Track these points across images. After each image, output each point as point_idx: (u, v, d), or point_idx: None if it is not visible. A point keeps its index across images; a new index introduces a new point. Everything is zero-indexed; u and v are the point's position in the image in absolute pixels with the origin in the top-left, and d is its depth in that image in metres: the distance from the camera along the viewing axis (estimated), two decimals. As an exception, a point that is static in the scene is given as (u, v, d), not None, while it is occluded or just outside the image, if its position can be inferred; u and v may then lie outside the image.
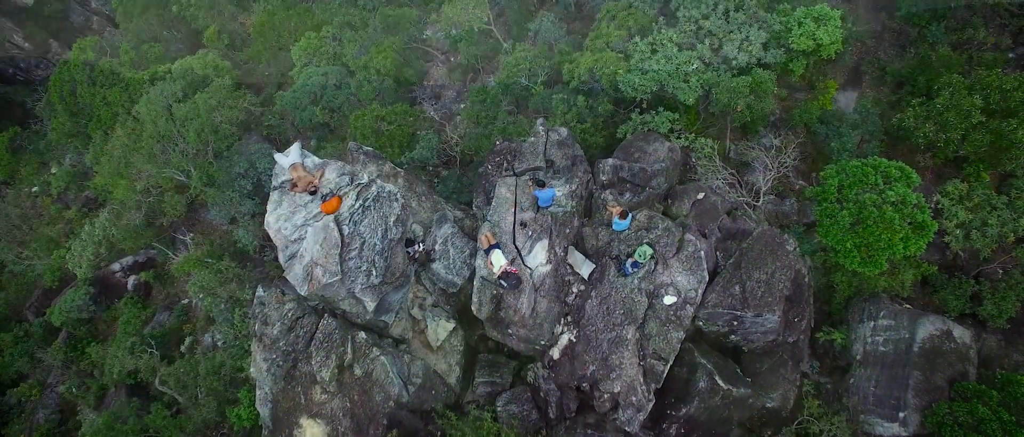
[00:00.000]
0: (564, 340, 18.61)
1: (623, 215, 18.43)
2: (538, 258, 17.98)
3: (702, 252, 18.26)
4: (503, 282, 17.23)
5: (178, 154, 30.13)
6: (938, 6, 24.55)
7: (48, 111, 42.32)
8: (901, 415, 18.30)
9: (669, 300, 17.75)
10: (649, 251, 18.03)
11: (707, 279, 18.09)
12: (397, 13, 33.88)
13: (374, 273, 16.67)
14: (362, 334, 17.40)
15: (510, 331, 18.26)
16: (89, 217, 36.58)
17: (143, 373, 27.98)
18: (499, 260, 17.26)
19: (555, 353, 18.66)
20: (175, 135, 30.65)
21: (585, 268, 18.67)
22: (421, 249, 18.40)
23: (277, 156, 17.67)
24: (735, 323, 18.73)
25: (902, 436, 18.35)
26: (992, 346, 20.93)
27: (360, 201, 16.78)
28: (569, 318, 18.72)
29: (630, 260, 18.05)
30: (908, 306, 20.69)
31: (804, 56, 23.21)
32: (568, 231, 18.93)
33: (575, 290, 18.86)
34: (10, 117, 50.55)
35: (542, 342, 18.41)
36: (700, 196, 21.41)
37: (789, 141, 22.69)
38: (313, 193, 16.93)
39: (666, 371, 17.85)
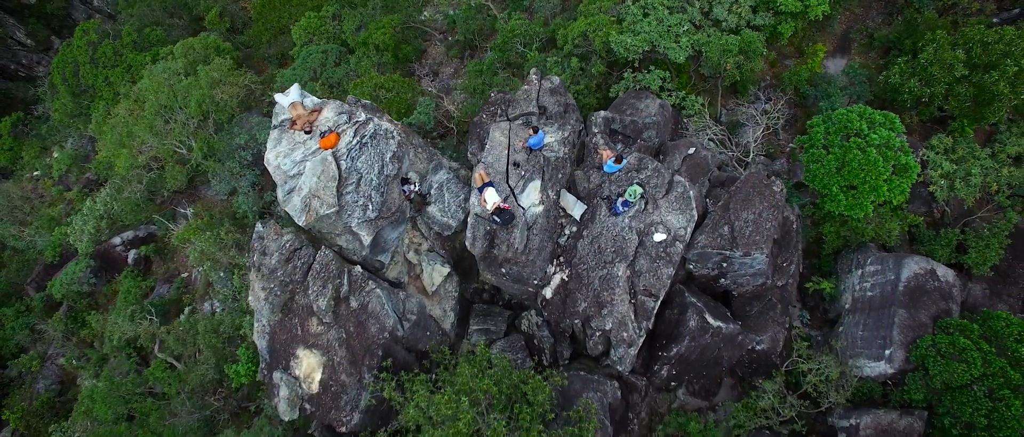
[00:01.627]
0: (556, 280, 19.09)
1: (617, 159, 18.97)
2: (531, 198, 18.52)
3: (691, 193, 18.80)
4: (496, 218, 17.75)
5: (179, 125, 30.68)
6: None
7: (50, 93, 43.04)
8: (887, 352, 18.75)
9: (659, 237, 18.26)
10: (639, 190, 18.57)
11: (696, 217, 18.61)
12: (396, -8, 34.66)
13: (370, 207, 17.20)
14: (358, 268, 17.90)
15: (503, 270, 18.73)
16: (91, 195, 37.19)
17: (143, 339, 28.34)
18: (493, 197, 17.81)
19: (548, 293, 19.13)
20: (177, 108, 31.22)
21: (577, 209, 19.20)
22: (416, 189, 18.92)
23: (277, 96, 18.27)
24: (724, 265, 19.21)
25: (888, 373, 18.80)
26: (977, 295, 21.42)
27: (358, 138, 17.36)
28: (561, 259, 19.21)
29: (621, 199, 18.59)
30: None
31: (792, 18, 23.86)
32: (560, 176, 19.49)
33: (567, 232, 19.37)
34: (12, 112, 51.46)
35: (535, 281, 18.88)
36: (691, 151, 21.92)
37: (778, 99, 23.29)
38: (309, 131, 17.49)
39: (656, 307, 18.32)
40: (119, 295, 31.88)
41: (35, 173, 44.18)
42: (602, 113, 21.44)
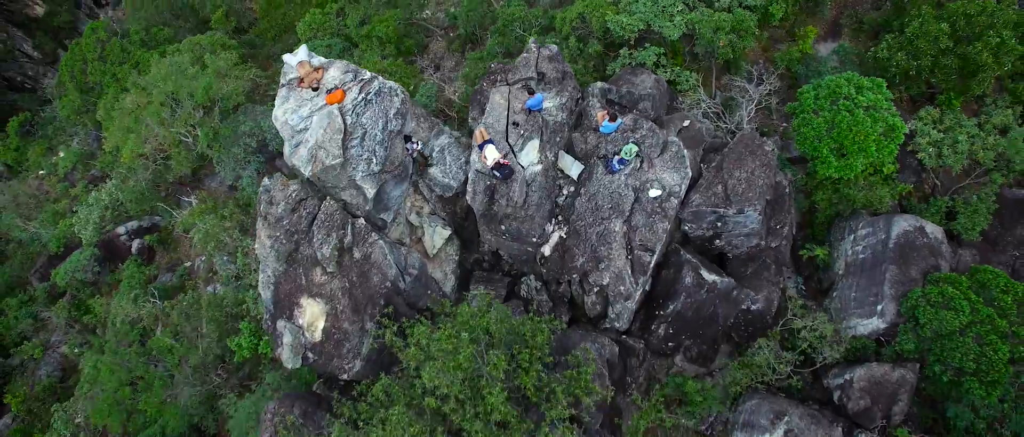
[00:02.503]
0: (555, 238, 19.70)
1: (612, 118, 19.72)
2: (530, 157, 19.22)
3: (685, 152, 19.50)
4: (496, 172, 18.45)
5: (186, 113, 31.45)
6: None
7: (58, 91, 44.02)
8: (879, 307, 19.29)
9: (654, 193, 18.92)
10: (635, 149, 19.29)
11: (690, 175, 19.29)
12: (399, -10, 35.92)
13: (374, 161, 17.91)
14: (362, 220, 18.53)
15: (503, 227, 19.34)
16: (97, 188, 37.95)
17: (145, 322, 28.78)
18: (493, 153, 18.53)
19: (546, 250, 19.74)
20: (184, 96, 32.05)
21: (574, 169, 19.88)
22: (417, 147, 19.62)
23: (286, 57, 19.13)
24: (719, 224, 19.83)
25: (881, 328, 19.29)
26: (967, 261, 21.93)
27: (363, 95, 18.14)
28: (560, 217, 19.85)
29: (617, 157, 19.30)
30: (886, 218, 21.76)
31: (783, -1, 24.83)
32: (558, 139, 20.21)
33: (565, 192, 20.03)
34: (19, 114, 52.46)
35: (534, 239, 19.48)
36: (686, 123, 22.68)
37: (770, 73, 24.18)
38: (316, 88, 18.29)
39: (653, 261, 18.90)
40: (123, 281, 32.40)
41: (41, 172, 44.94)
42: (599, 84, 22.24)
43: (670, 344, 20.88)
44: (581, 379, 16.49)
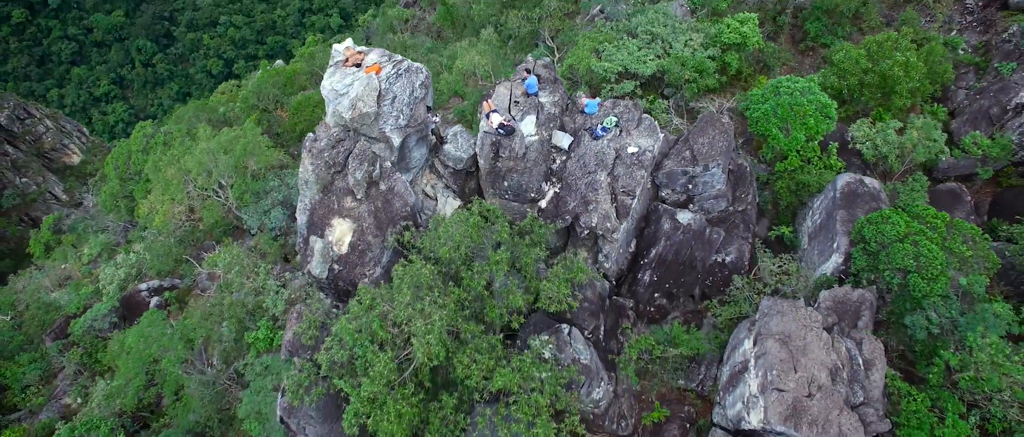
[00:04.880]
0: (550, 194, 23.57)
1: (592, 97, 24.64)
2: (528, 128, 23.79)
3: (657, 125, 24.16)
4: (501, 130, 22.89)
5: (223, 166, 36.28)
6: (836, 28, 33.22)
7: (99, 184, 49.32)
8: (834, 244, 22.62)
9: (632, 149, 23.24)
10: (615, 120, 23.99)
11: (661, 139, 23.75)
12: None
13: (402, 118, 22.47)
14: (388, 162, 22.57)
15: (506, 183, 23.29)
16: (124, 252, 41.55)
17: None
18: (497, 117, 23.14)
19: (543, 204, 23.49)
20: (220, 154, 37.12)
21: (565, 140, 24.34)
22: (437, 120, 24.25)
23: (335, 46, 24.52)
24: (690, 186, 23.85)
25: (840, 263, 22.43)
26: (915, 234, 25.47)
27: (395, 70, 23.22)
28: (554, 179, 23.88)
29: (600, 125, 23.89)
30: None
31: (736, 49, 31.15)
32: (552, 125, 24.93)
33: (558, 160, 24.29)
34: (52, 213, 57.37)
35: (532, 194, 23.34)
36: (660, 135, 27.63)
37: (731, 98, 29.66)
38: (358, 66, 23.44)
39: (634, 204, 22.63)
40: (142, 319, 34.79)
41: (65, 265, 48.70)
42: (582, 92, 27.51)
43: (656, 296, 23.72)
44: (575, 266, 19.52)
